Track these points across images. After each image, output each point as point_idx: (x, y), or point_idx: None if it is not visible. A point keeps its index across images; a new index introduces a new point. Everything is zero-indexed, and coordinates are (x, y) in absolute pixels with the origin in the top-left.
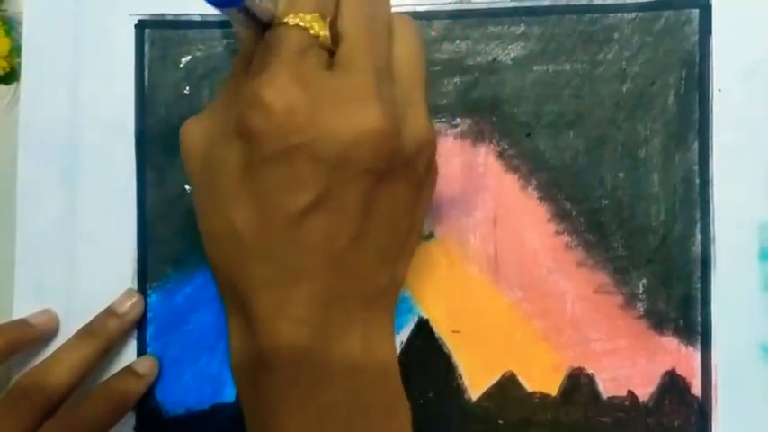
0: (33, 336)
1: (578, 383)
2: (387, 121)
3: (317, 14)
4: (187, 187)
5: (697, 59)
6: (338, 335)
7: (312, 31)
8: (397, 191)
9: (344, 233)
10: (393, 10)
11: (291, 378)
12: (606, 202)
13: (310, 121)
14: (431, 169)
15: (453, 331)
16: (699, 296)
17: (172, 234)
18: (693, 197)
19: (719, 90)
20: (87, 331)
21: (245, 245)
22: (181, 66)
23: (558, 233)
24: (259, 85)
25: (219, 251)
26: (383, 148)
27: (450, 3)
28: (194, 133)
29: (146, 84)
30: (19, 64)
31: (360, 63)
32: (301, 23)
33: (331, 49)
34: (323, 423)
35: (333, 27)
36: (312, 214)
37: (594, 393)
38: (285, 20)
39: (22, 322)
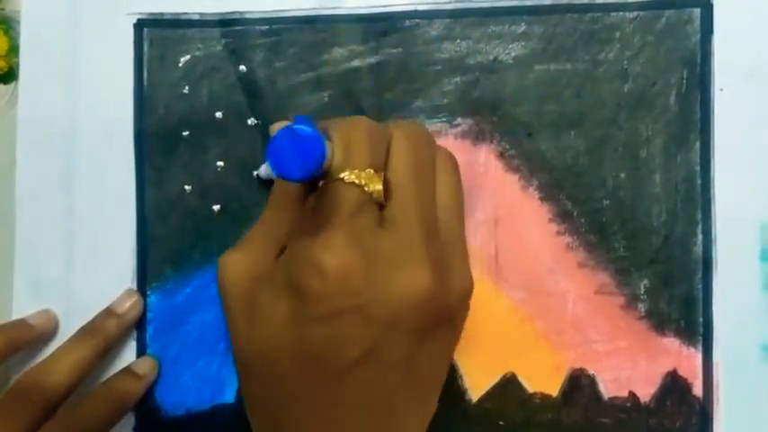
0: (32, 336)
1: (579, 384)
2: (437, 282)
3: (371, 170)
4: (187, 187)
5: (698, 59)
6: None
7: (367, 189)
8: (439, 341)
9: (386, 386)
10: (394, 9)
11: None
12: (607, 202)
13: (365, 284)
14: (467, 310)
15: None
16: (700, 297)
17: (171, 234)
18: (695, 197)
19: (721, 90)
20: (86, 331)
21: (287, 387)
22: (180, 65)
23: (559, 233)
24: (316, 247)
25: (258, 385)
26: (432, 309)
27: (450, 2)
28: (236, 270)
29: (144, 83)
30: (17, 63)
31: (410, 219)
32: (356, 181)
33: (381, 202)
34: None
35: (384, 180)
36: (357, 368)
37: (595, 394)
38: (342, 176)
39: (21, 322)
